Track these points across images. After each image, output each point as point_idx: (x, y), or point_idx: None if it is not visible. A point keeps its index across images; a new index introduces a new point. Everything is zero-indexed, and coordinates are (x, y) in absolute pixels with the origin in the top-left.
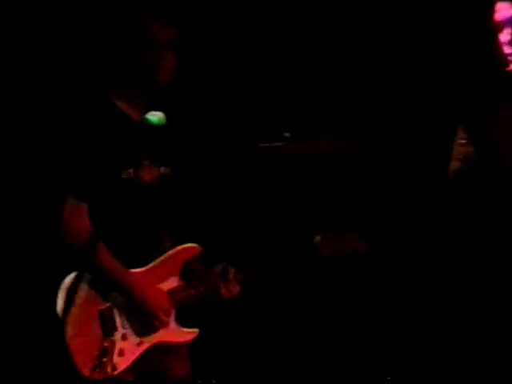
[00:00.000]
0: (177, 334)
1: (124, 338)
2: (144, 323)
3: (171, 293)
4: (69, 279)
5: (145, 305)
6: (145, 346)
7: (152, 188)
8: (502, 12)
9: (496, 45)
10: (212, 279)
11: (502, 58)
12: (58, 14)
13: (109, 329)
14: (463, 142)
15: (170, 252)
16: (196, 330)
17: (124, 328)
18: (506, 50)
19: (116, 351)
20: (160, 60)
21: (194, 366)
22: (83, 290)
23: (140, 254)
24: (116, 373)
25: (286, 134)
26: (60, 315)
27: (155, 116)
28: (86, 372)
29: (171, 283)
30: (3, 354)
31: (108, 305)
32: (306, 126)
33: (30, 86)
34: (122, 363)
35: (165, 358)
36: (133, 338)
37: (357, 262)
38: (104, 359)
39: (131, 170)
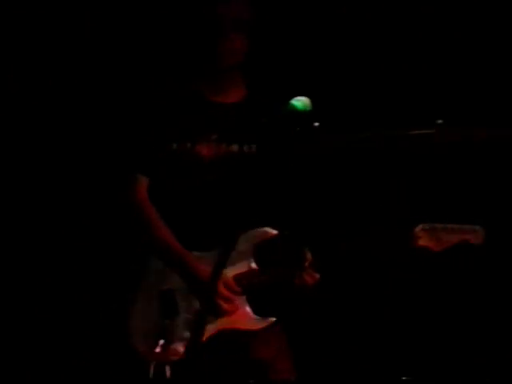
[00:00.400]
0: (245, 320)
1: (186, 323)
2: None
3: (238, 278)
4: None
5: (201, 289)
6: (207, 334)
7: (213, 165)
8: None
9: None
10: (287, 265)
11: None
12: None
13: (168, 311)
14: None
15: (242, 235)
16: (271, 319)
17: (187, 313)
18: None
19: (177, 336)
20: (226, 42)
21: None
22: (151, 269)
23: (203, 236)
24: (176, 357)
25: (439, 121)
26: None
27: (300, 101)
28: (141, 350)
29: (240, 268)
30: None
31: (169, 286)
32: (458, 113)
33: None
34: (182, 349)
35: (257, 349)
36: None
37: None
38: (161, 341)
39: (188, 144)
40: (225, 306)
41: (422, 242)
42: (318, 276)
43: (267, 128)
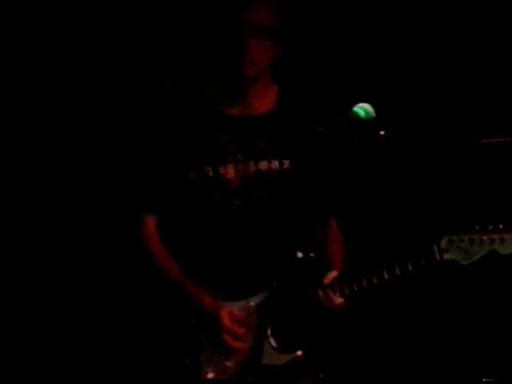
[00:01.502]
0: (264, 356)
1: (210, 359)
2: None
3: (261, 307)
4: None
5: (207, 324)
6: (230, 372)
7: (241, 188)
8: None
9: None
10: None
11: None
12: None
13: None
14: None
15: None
16: (296, 353)
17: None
18: None
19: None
20: (246, 49)
21: None
22: None
23: (235, 275)
24: None
25: None
26: None
27: (362, 108)
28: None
29: (261, 297)
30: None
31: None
32: None
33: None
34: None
35: None
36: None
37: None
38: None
39: (208, 168)
40: (231, 342)
41: (448, 256)
42: (338, 300)
43: (324, 137)
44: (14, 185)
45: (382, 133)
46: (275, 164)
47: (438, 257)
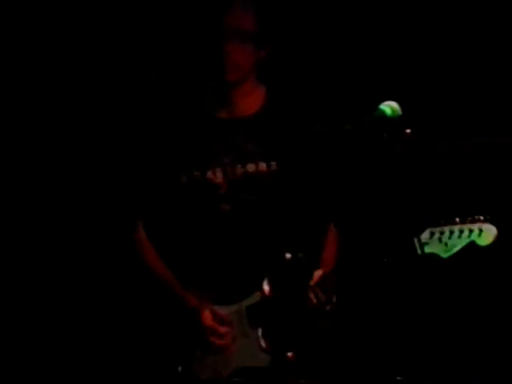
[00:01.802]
0: (254, 357)
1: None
2: None
3: (252, 309)
4: None
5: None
6: (225, 373)
7: (230, 191)
8: None
9: None
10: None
11: None
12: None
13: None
14: None
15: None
16: (287, 355)
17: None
18: None
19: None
20: (227, 54)
21: None
22: None
23: (224, 278)
24: None
25: None
26: None
27: (389, 106)
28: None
29: (254, 298)
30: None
31: None
32: None
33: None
34: None
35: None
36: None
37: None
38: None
39: (198, 173)
40: (215, 340)
41: (429, 249)
42: (325, 298)
43: (321, 137)
44: (7, 186)
45: (408, 131)
46: (262, 166)
47: (419, 250)
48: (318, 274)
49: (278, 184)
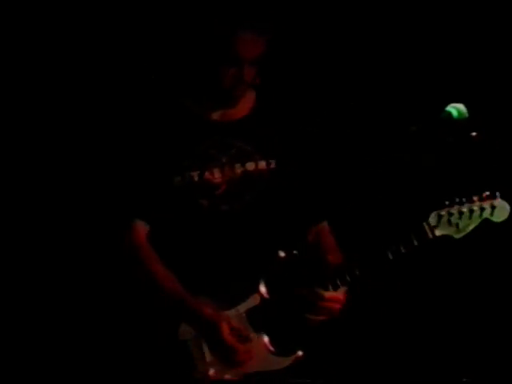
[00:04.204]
0: (265, 363)
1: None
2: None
3: (252, 313)
4: None
5: (207, 332)
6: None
7: (228, 192)
8: None
9: None
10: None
11: None
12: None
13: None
14: None
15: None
16: (296, 355)
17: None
18: None
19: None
20: (239, 76)
21: None
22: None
23: (221, 276)
24: None
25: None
26: None
27: (455, 108)
28: None
29: (252, 301)
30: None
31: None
32: None
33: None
34: None
35: None
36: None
37: None
38: None
39: (195, 173)
40: (234, 356)
41: (440, 232)
42: (324, 295)
43: (415, 137)
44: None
45: (475, 134)
46: (262, 164)
47: (429, 234)
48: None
49: (278, 183)
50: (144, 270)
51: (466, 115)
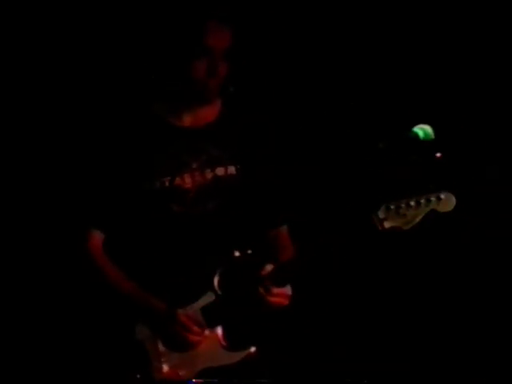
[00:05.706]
0: (219, 357)
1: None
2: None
3: (206, 310)
4: None
5: (160, 324)
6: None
7: (199, 198)
8: None
9: None
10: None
11: None
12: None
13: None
14: None
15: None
16: (249, 350)
17: (157, 361)
18: None
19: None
20: (213, 71)
21: None
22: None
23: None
24: None
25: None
26: None
27: (422, 129)
28: None
29: (207, 299)
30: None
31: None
32: None
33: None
34: None
35: None
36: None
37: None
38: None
39: (165, 179)
40: (189, 336)
41: (389, 224)
42: (276, 291)
43: (383, 154)
44: None
45: (439, 155)
46: (231, 169)
47: (379, 226)
48: (269, 267)
49: (242, 187)
50: (99, 276)
51: (432, 137)
